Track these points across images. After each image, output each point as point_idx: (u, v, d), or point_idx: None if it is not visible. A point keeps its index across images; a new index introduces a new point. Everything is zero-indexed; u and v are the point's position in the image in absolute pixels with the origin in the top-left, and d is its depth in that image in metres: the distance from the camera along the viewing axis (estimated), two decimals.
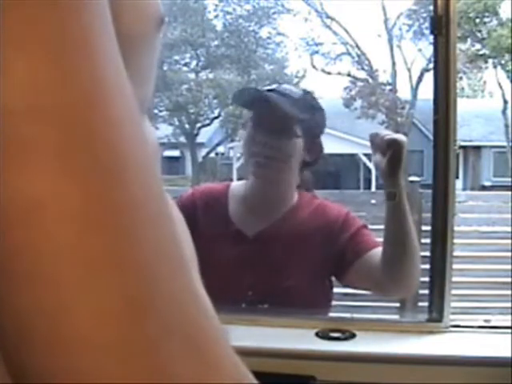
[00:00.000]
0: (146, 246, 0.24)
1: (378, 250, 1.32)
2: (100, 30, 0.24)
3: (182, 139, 13.11)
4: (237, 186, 1.49)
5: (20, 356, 0.22)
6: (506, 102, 12.60)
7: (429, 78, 11.54)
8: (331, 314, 1.47)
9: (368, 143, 1.32)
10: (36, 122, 0.22)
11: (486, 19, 11.79)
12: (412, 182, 4.58)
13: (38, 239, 0.22)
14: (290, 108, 1.37)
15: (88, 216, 0.22)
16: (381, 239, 1.35)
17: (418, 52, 12.85)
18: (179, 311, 0.24)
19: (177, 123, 13.04)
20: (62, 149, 0.22)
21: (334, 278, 1.44)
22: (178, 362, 0.24)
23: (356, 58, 13.06)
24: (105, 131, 0.23)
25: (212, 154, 13.66)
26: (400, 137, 1.27)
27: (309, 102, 1.44)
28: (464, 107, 10.21)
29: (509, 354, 1.10)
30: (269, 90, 1.42)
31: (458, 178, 10.63)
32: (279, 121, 1.37)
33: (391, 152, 1.25)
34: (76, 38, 0.23)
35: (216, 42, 12.99)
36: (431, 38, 1.28)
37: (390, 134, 1.28)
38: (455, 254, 1.33)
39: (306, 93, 1.47)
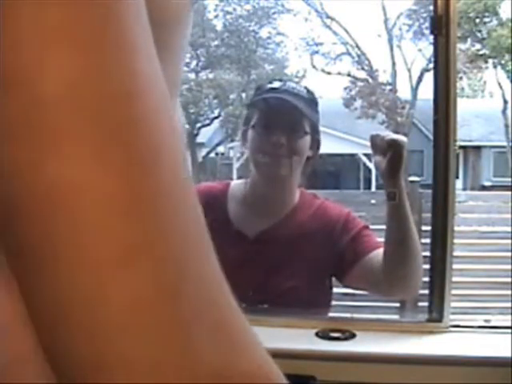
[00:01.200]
0: (176, 232, 0.25)
1: (380, 251, 1.32)
2: (135, 22, 0.25)
3: None
4: (236, 185, 1.49)
5: (58, 344, 0.23)
6: (506, 102, 12.60)
7: (429, 78, 11.54)
8: (331, 314, 1.47)
9: (368, 143, 1.33)
10: (74, 112, 0.22)
11: (486, 19, 11.78)
12: (412, 181, 4.58)
13: (79, 222, 0.22)
14: (301, 107, 1.38)
15: (123, 202, 0.23)
16: (381, 239, 1.35)
17: (418, 52, 12.85)
18: (208, 296, 0.25)
19: None
20: (99, 138, 0.23)
21: (334, 279, 1.44)
22: (208, 346, 0.25)
23: (356, 58, 13.05)
24: (139, 123, 0.24)
25: (212, 154, 13.66)
26: (400, 137, 1.27)
27: (311, 99, 1.44)
28: (464, 107, 10.21)
29: (509, 354, 1.10)
30: (274, 89, 1.41)
31: (458, 177, 10.63)
32: (292, 120, 1.38)
33: (391, 152, 1.25)
34: (113, 32, 0.23)
35: (216, 42, 12.99)
36: (431, 38, 1.28)
37: (390, 135, 1.28)
38: (455, 253, 1.33)
39: (307, 89, 1.47)
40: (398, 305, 3.80)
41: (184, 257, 0.25)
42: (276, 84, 1.43)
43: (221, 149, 13.57)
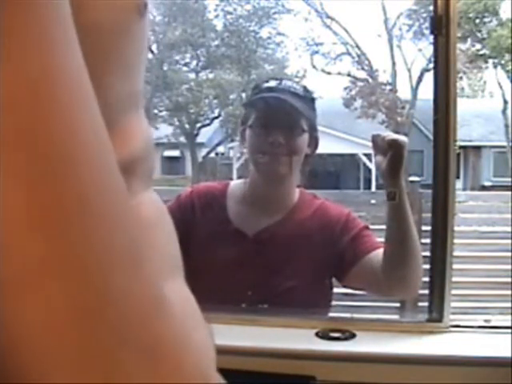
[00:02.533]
0: (96, 246, 0.22)
1: (380, 252, 1.32)
2: (56, 26, 0.23)
3: (182, 139, 13.12)
4: (236, 185, 1.49)
5: None
6: (506, 102, 12.60)
7: (429, 78, 11.54)
8: (331, 314, 1.47)
9: (368, 143, 1.33)
10: None
11: (485, 19, 11.79)
12: (412, 181, 4.58)
13: None
14: (299, 105, 1.38)
15: (31, 217, 0.21)
16: (381, 239, 1.35)
17: (418, 52, 12.86)
18: (133, 317, 0.23)
19: (177, 123, 13.04)
20: (5, 148, 0.21)
21: (334, 279, 1.44)
22: (134, 373, 0.23)
23: (356, 58, 13.06)
24: (51, 129, 0.22)
25: (212, 154, 13.66)
26: (401, 137, 1.27)
27: (308, 96, 1.44)
28: (464, 107, 10.21)
29: (509, 354, 1.10)
30: (270, 88, 1.41)
31: (458, 178, 10.63)
32: (290, 118, 1.38)
33: (392, 152, 1.25)
34: (31, 34, 0.22)
35: (216, 42, 13.00)
36: (431, 38, 1.28)
37: (390, 135, 1.28)
38: (455, 254, 1.32)
39: (304, 87, 1.47)
40: (397, 305, 3.80)
41: (105, 276, 0.22)
42: (273, 83, 1.43)
43: (221, 149, 13.58)
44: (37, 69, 0.22)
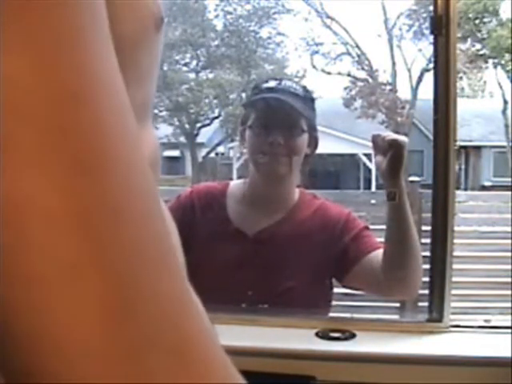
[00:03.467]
0: (128, 246, 0.23)
1: (380, 252, 1.32)
2: (93, 29, 0.23)
3: (182, 139, 13.12)
4: (235, 185, 1.49)
5: (3, 356, 0.22)
6: (506, 102, 12.60)
7: (429, 78, 11.54)
8: (331, 314, 1.47)
9: (368, 143, 1.33)
10: (17, 122, 0.21)
11: (485, 19, 11.79)
12: (412, 181, 4.58)
13: (20, 241, 0.21)
14: (298, 105, 1.38)
15: (67, 216, 0.22)
16: (381, 239, 1.35)
17: (418, 52, 12.86)
18: (162, 317, 0.24)
19: (177, 123, 13.04)
20: (41, 148, 0.21)
21: (334, 279, 1.44)
22: (161, 374, 0.23)
23: (356, 58, 13.06)
24: (86, 130, 0.22)
25: (212, 154, 13.66)
26: (401, 137, 1.27)
27: (308, 96, 1.45)
28: (464, 107, 10.21)
29: (509, 354, 1.10)
30: (270, 88, 1.41)
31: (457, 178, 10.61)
32: (289, 119, 1.38)
33: (392, 152, 1.25)
34: (66, 37, 0.22)
35: (216, 42, 12.99)
36: (431, 38, 1.28)
37: (391, 135, 1.28)
38: (455, 253, 1.32)
39: (303, 87, 1.48)
40: (398, 305, 3.80)
41: (136, 275, 0.23)
42: (272, 83, 1.43)
43: (221, 149, 13.57)
44: (69, 69, 0.22)
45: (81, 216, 0.22)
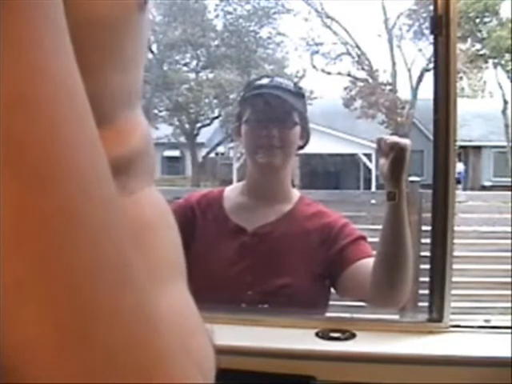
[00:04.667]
0: (86, 262, 0.21)
1: (371, 260, 1.32)
2: (47, 26, 0.22)
3: (182, 139, 13.13)
4: (231, 188, 1.54)
5: None
6: (506, 102, 12.61)
7: (429, 78, 11.55)
8: (331, 314, 1.47)
9: (368, 143, 1.34)
10: None
11: (486, 19, 11.80)
12: (412, 181, 4.58)
13: None
14: (290, 100, 1.44)
15: (15, 232, 0.20)
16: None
17: (418, 52, 12.88)
18: (125, 335, 0.22)
19: (177, 123, 13.05)
20: None
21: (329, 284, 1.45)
22: None
23: (356, 58, 13.07)
24: (39, 138, 0.21)
25: (212, 154, 13.67)
26: (403, 140, 1.27)
27: (299, 92, 1.51)
28: (464, 107, 10.22)
29: (509, 354, 1.10)
30: (262, 85, 1.47)
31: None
32: (282, 112, 1.44)
33: (393, 155, 1.25)
34: (15, 35, 0.20)
35: (216, 42, 13.01)
36: (431, 38, 1.28)
37: (393, 138, 1.29)
38: (455, 254, 1.32)
39: (294, 83, 1.55)
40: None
41: (95, 291, 0.21)
42: (264, 80, 1.50)
43: (221, 149, 13.58)
44: (21, 73, 0.21)
45: (31, 231, 0.20)
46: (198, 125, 12.96)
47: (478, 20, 11.74)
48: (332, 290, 1.47)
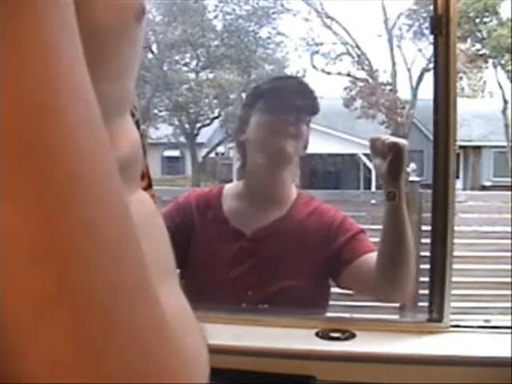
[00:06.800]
0: (101, 277, 0.22)
1: (374, 255, 1.32)
2: (62, 35, 0.22)
3: (182, 139, 13.12)
4: (230, 186, 1.52)
5: None
6: (506, 102, 12.59)
7: (429, 78, 11.54)
8: (331, 314, 1.47)
9: (368, 143, 1.33)
10: None
11: (485, 19, 11.79)
12: (412, 182, 4.57)
13: None
14: (312, 90, 1.44)
15: (36, 249, 0.20)
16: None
17: (418, 52, 12.86)
18: (141, 347, 0.23)
19: (177, 123, 13.04)
20: (9, 168, 0.20)
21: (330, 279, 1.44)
22: None
23: (356, 58, 13.06)
24: (55, 145, 0.21)
25: (212, 154, 13.66)
26: (401, 140, 1.27)
27: (307, 90, 1.48)
28: (464, 107, 10.21)
29: (509, 354, 1.10)
30: (279, 78, 1.46)
31: (458, 177, 10.62)
32: (304, 101, 1.42)
33: (392, 155, 1.25)
34: (32, 45, 0.20)
35: (216, 42, 12.99)
36: (431, 38, 1.28)
37: (390, 138, 1.28)
38: (455, 254, 1.32)
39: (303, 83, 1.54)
40: (398, 305, 3.80)
41: (111, 306, 0.22)
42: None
43: (221, 149, 13.57)
44: (35, 81, 0.20)
45: (48, 244, 0.20)
46: (198, 125, 12.94)
47: (477, 20, 11.73)
48: (332, 290, 1.47)
